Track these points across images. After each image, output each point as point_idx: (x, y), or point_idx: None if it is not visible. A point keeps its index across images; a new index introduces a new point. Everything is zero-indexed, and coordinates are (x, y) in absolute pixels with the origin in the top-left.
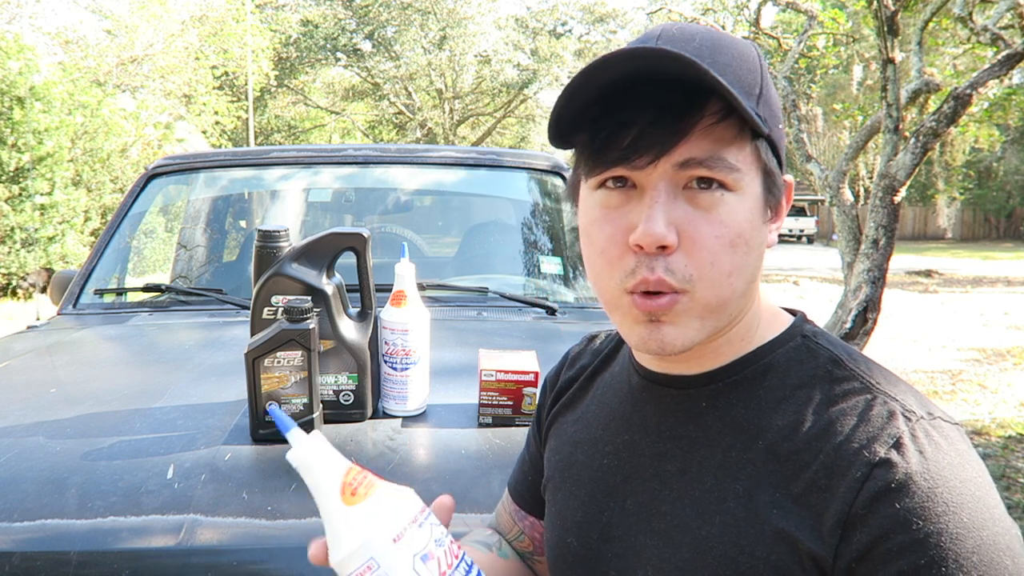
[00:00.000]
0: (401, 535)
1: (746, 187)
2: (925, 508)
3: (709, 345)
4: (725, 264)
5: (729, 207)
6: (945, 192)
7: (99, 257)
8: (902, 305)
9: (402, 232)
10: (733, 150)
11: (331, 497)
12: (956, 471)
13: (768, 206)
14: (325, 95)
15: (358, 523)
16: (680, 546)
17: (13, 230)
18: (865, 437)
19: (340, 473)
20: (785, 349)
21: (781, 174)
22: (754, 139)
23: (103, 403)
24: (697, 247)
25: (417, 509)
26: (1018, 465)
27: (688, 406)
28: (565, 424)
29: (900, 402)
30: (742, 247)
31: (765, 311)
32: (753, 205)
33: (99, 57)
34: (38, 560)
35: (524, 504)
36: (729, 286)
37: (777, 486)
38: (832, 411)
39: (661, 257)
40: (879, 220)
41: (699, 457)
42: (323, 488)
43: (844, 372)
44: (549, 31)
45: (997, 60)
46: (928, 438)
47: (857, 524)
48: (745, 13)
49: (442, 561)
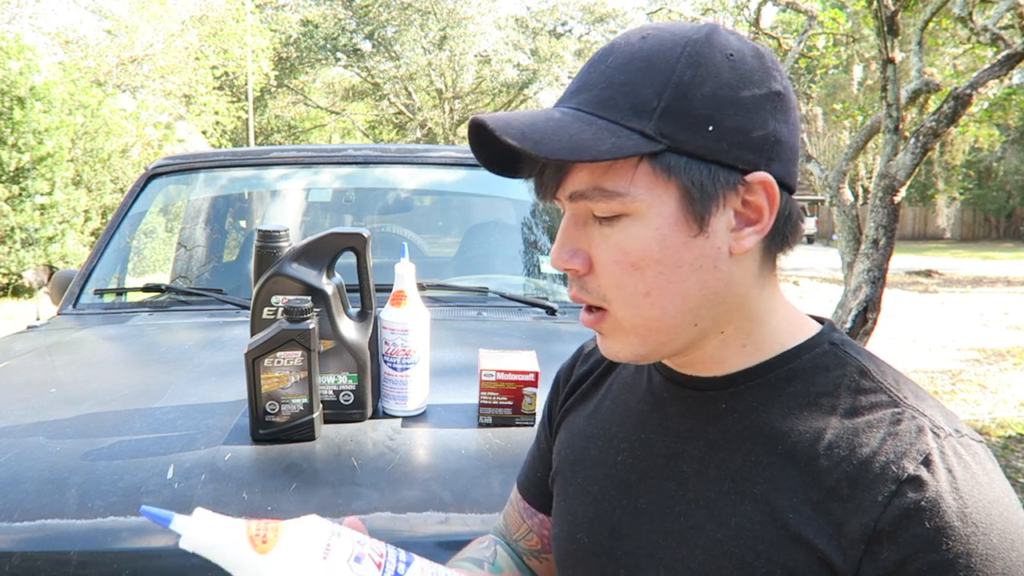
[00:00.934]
0: (327, 549)
1: (647, 208)
2: (954, 528)
3: (705, 351)
4: (635, 286)
5: (627, 231)
6: (945, 192)
7: (99, 257)
8: (902, 305)
9: (402, 232)
10: (613, 176)
11: (245, 557)
12: (985, 491)
13: (694, 218)
14: (325, 95)
15: (283, 563)
16: (694, 548)
17: (13, 230)
18: (893, 452)
19: (242, 532)
20: (811, 355)
21: (729, 179)
22: (651, 158)
23: (103, 403)
24: (602, 271)
25: (328, 524)
26: (1018, 465)
27: (708, 408)
28: (577, 418)
29: (929, 418)
30: (652, 267)
31: (786, 317)
32: (662, 224)
33: (99, 57)
34: (38, 560)
35: (534, 501)
36: (651, 305)
37: (796, 492)
38: (857, 421)
39: (577, 278)
40: (879, 220)
41: (717, 459)
42: (234, 554)
43: (871, 383)
44: (549, 31)
45: (997, 60)
46: (957, 456)
47: (884, 541)
48: (745, 13)
49: (373, 555)
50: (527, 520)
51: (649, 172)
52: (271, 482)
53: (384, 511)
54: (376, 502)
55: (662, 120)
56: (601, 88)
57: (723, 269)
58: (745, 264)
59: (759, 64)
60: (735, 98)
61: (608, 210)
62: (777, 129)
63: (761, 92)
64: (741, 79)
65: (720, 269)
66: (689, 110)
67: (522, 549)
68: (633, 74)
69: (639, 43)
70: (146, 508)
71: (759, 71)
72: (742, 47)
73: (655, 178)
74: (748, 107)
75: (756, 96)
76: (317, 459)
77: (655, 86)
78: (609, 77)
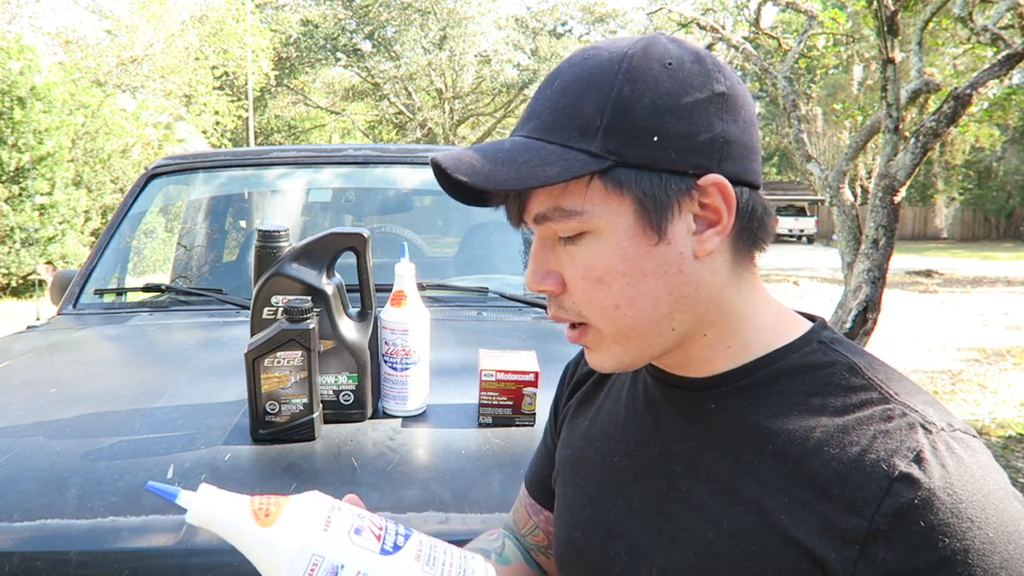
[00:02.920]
0: (328, 522)
1: (605, 223)
2: (949, 525)
3: (689, 354)
4: (603, 299)
5: (588, 248)
6: (945, 192)
7: (99, 257)
8: (902, 305)
9: (402, 232)
10: (569, 196)
11: (248, 529)
12: (979, 485)
13: (651, 228)
14: (325, 95)
15: (285, 535)
16: (686, 549)
17: (13, 230)
18: (883, 449)
19: (245, 506)
20: (800, 354)
21: (681, 185)
22: (602, 175)
23: (103, 403)
24: (573, 288)
25: (329, 499)
26: (1018, 465)
27: (698, 408)
28: (579, 418)
29: (920, 413)
30: (617, 280)
31: (771, 316)
32: (621, 236)
33: (99, 57)
34: (38, 560)
35: (539, 498)
36: (623, 316)
37: (786, 492)
38: (847, 419)
39: (553, 298)
40: (879, 220)
41: (708, 460)
42: (238, 526)
43: (861, 380)
44: (549, 31)
45: (997, 60)
46: (949, 451)
47: (879, 540)
48: (745, 13)
49: (372, 528)
50: (533, 516)
51: (601, 189)
52: (271, 482)
53: (384, 511)
54: (376, 502)
55: (606, 137)
56: (547, 113)
57: (689, 272)
58: (714, 265)
59: (699, 68)
60: (676, 105)
61: (569, 229)
62: (725, 129)
63: (703, 96)
64: (680, 86)
65: (686, 273)
66: (631, 124)
67: (529, 544)
68: (574, 96)
69: (580, 64)
70: (152, 484)
71: (699, 75)
72: (681, 54)
73: (608, 194)
74: (691, 112)
75: (698, 100)
76: (317, 459)
77: (595, 104)
78: (554, 101)
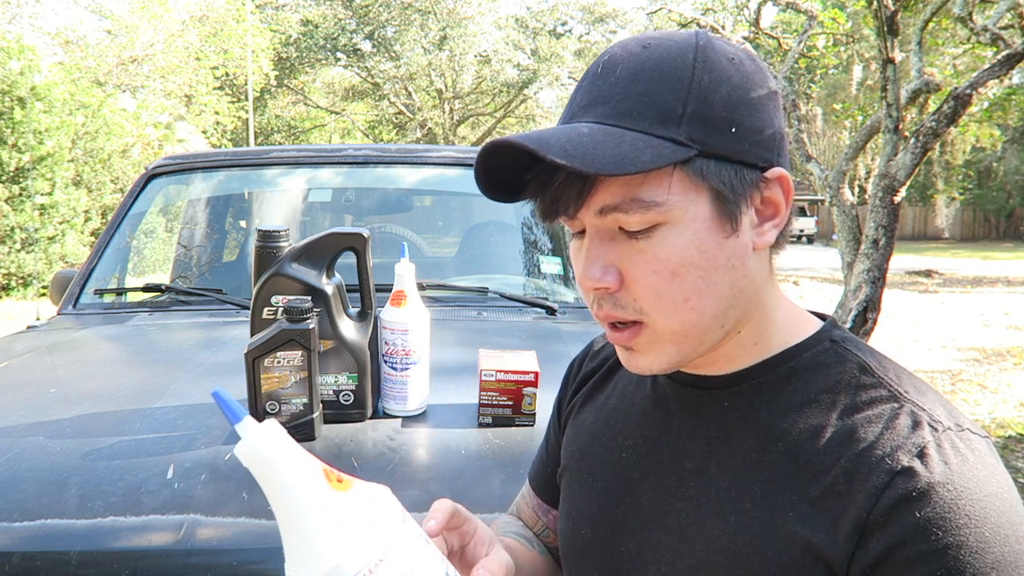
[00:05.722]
0: (404, 517)
1: (683, 214)
2: (945, 519)
3: (719, 352)
4: (674, 293)
5: (664, 240)
6: (945, 192)
7: (99, 257)
8: (902, 305)
9: (402, 232)
10: (650, 186)
11: (319, 488)
12: (981, 484)
13: (727, 219)
14: (325, 95)
15: (363, 504)
16: (694, 543)
17: (13, 230)
18: (889, 445)
19: (317, 465)
20: (812, 353)
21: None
22: (684, 164)
23: (103, 403)
24: (638, 284)
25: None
26: (1018, 465)
27: (710, 406)
28: (584, 414)
29: (928, 412)
30: (691, 272)
31: (788, 314)
32: (699, 228)
33: (99, 57)
34: (38, 560)
35: (548, 498)
36: (690, 311)
37: (794, 489)
38: (857, 417)
39: (608, 295)
40: (879, 220)
41: (718, 457)
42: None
43: (872, 379)
44: (549, 31)
45: (997, 60)
46: (954, 449)
47: (875, 531)
48: (745, 13)
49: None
50: (542, 517)
51: (684, 178)
52: None
53: None
54: None
55: (690, 125)
56: (618, 100)
57: (749, 266)
58: (762, 260)
59: (755, 66)
60: (747, 99)
61: (644, 221)
62: (780, 126)
63: (764, 92)
64: (746, 80)
65: (747, 266)
66: (712, 114)
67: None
68: (649, 83)
69: (643, 52)
70: (220, 393)
71: (757, 72)
72: (736, 51)
73: (689, 183)
74: (757, 107)
75: (761, 96)
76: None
77: (676, 92)
78: (624, 88)
